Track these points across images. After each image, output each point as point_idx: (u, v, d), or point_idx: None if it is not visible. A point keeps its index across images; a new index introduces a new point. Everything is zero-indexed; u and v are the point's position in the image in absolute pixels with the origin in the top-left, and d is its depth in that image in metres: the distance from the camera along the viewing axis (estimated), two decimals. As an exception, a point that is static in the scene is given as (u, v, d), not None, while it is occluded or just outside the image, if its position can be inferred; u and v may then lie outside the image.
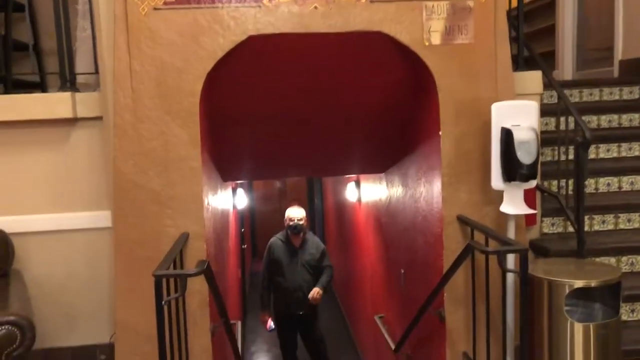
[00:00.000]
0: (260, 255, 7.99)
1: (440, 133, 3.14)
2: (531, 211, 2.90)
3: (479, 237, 2.91)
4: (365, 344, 6.35)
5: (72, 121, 3.34)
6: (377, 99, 3.57)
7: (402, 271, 4.19)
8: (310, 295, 5.37)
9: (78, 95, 3.33)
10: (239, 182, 6.11)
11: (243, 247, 8.06)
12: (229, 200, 5.46)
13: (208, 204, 3.23)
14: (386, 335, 4.67)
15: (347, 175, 6.23)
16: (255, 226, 11.37)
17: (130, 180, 2.97)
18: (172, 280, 2.49)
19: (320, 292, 5.46)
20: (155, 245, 2.96)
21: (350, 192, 6.21)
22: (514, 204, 2.89)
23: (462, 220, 3.09)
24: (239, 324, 4.94)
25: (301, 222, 5.43)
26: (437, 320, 3.31)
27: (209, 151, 3.39)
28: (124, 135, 2.96)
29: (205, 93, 3.06)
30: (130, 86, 2.94)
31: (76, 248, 3.46)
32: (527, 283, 2.36)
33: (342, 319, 8.26)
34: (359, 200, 6.10)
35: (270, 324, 5.69)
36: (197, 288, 2.99)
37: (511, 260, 2.71)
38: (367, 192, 5.71)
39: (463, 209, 3.16)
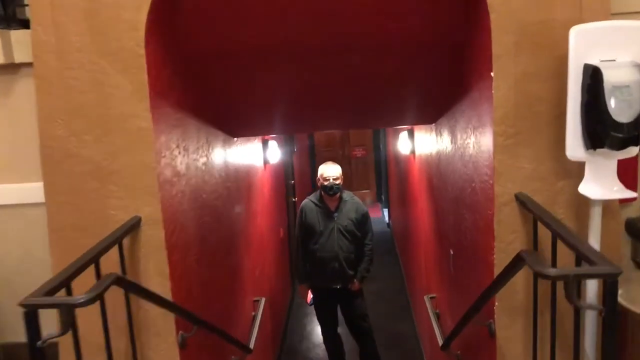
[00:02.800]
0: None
1: (492, 73, 2.14)
2: (629, 194, 1.88)
3: (546, 234, 1.96)
4: (421, 319, 5.50)
5: (11, 68, 2.61)
6: (416, 26, 2.58)
7: (451, 252, 3.28)
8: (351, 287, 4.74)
9: (14, 34, 2.58)
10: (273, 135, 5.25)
11: (293, 200, 7.34)
12: (255, 156, 4.66)
13: (177, 174, 2.44)
14: (434, 324, 3.81)
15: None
16: (315, 174, 10.61)
17: (61, 147, 2.22)
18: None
19: (359, 285, 4.75)
20: (99, 233, 2.21)
21: (403, 143, 5.25)
22: (600, 183, 1.89)
23: (522, 202, 2.13)
24: (263, 300, 4.23)
25: (337, 182, 4.57)
26: (486, 332, 2.42)
27: (183, 102, 2.57)
28: (50, 87, 2.19)
29: (159, 23, 2.22)
30: (50, 19, 2.14)
31: (31, 225, 2.80)
32: (615, 327, 1.41)
33: (401, 279, 7.45)
34: (413, 152, 5.13)
35: (311, 296, 4.96)
36: (157, 289, 2.27)
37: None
38: (420, 144, 4.73)
39: (525, 184, 2.19)
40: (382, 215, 10.33)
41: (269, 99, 3.31)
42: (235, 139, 3.72)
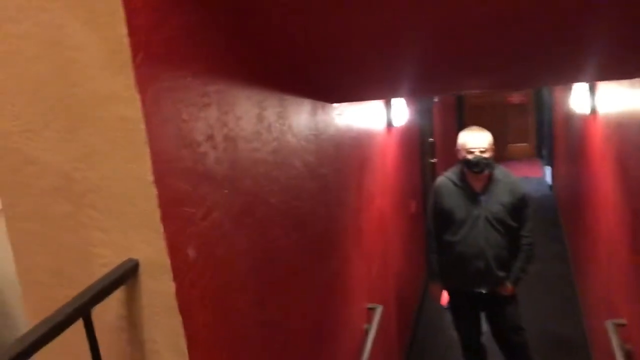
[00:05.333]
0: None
1: None
2: None
3: None
4: (596, 332, 4.20)
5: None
6: None
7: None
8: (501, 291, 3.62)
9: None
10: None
11: (432, 161, 6.22)
12: (373, 120, 3.62)
13: (208, 181, 1.54)
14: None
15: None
16: (463, 127, 9.32)
17: (14, 148, 1.40)
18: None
19: (512, 289, 3.61)
20: (81, 280, 1.40)
21: (578, 99, 3.86)
22: None
23: None
24: (379, 309, 3.27)
25: (485, 155, 3.39)
26: None
27: (222, 66, 1.63)
28: (-13, 51, 1.36)
29: None
30: (-27, -64, 1.28)
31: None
32: None
33: (566, 262, 6.05)
34: (594, 112, 3.74)
35: (447, 298, 3.91)
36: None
37: None
38: (607, 101, 3.36)
39: None
40: (542, 175, 8.76)
41: (384, 48, 2.24)
42: (336, 105, 2.72)
